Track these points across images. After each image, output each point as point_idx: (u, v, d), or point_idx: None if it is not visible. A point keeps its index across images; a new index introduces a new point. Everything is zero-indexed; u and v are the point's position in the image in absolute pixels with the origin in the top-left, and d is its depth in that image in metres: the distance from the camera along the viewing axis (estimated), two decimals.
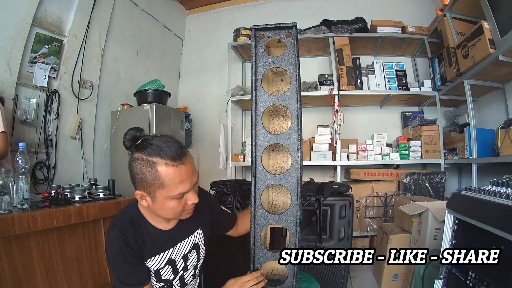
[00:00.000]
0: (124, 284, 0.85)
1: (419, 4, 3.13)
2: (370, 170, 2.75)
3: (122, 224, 0.88)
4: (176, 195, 0.81)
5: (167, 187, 0.79)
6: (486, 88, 2.34)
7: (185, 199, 0.85)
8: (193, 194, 0.86)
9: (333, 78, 2.82)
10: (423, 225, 1.72)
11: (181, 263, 0.96)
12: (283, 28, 0.96)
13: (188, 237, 0.99)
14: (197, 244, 1.02)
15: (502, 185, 0.98)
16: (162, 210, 0.85)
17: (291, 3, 3.47)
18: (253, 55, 0.95)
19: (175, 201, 0.82)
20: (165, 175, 0.78)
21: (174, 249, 0.95)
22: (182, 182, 0.80)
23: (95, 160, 2.63)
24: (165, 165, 0.78)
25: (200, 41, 3.84)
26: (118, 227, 0.87)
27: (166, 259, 0.93)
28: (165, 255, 0.92)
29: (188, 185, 0.83)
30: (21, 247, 1.15)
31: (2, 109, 1.69)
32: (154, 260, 0.90)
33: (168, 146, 0.80)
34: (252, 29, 0.96)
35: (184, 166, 0.81)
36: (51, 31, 2.25)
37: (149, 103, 2.56)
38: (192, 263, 1.00)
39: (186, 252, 0.97)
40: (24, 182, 1.22)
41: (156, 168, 0.78)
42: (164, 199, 0.81)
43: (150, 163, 0.78)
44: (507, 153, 1.83)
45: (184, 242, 0.97)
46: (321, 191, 1.59)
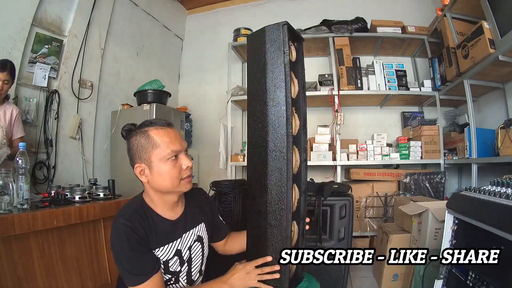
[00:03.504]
0: (133, 274, 0.84)
1: (419, 4, 3.13)
2: (370, 170, 2.75)
3: (128, 213, 0.89)
4: (168, 153, 0.87)
5: (159, 147, 0.88)
6: (486, 88, 2.34)
7: (179, 162, 0.90)
8: (185, 157, 0.92)
9: (333, 78, 2.82)
10: (423, 225, 1.72)
11: (187, 254, 0.98)
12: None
13: (192, 228, 1.01)
14: (201, 237, 1.04)
15: (502, 185, 0.98)
16: (160, 177, 0.89)
17: (291, 3, 3.47)
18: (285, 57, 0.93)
19: (169, 163, 0.88)
20: (157, 137, 0.88)
21: (182, 240, 0.97)
22: (172, 141, 0.89)
23: (95, 160, 2.64)
24: (155, 129, 0.89)
25: (200, 41, 3.84)
26: (125, 216, 0.87)
27: (174, 250, 0.94)
28: (173, 245, 0.94)
29: (178, 145, 0.90)
30: (21, 247, 1.14)
31: (19, 113, 1.74)
32: (163, 250, 0.91)
33: (155, 119, 0.94)
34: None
35: (171, 129, 0.92)
36: (51, 31, 2.25)
37: (149, 103, 2.56)
38: (197, 256, 1.02)
39: (191, 243, 1.00)
40: (24, 182, 1.22)
41: (148, 133, 0.89)
42: (159, 162, 0.88)
43: (143, 132, 0.90)
44: (507, 153, 1.83)
45: (189, 233, 1.00)
46: (321, 191, 1.59)
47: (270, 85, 0.91)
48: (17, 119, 1.83)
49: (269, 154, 0.90)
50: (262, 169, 0.92)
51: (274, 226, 0.91)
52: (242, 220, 1.59)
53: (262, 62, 0.92)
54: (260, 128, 0.93)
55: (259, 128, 0.94)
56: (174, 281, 0.96)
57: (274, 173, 0.90)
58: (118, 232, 0.85)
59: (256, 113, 0.94)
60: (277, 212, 0.90)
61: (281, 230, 0.90)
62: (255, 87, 0.95)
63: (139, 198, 0.96)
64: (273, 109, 0.91)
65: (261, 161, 0.92)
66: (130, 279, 0.84)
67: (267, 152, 0.91)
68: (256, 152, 0.94)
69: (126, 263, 0.84)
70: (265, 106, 0.92)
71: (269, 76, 0.91)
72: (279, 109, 0.90)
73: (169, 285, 0.95)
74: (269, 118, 0.91)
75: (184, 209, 1.01)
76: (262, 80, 0.92)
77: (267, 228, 0.92)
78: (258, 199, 0.94)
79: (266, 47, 0.91)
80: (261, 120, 0.93)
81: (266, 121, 0.91)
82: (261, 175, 0.92)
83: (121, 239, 0.84)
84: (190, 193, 1.07)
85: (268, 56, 0.91)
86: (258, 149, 0.93)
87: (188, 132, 3.37)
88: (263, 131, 0.92)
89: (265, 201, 0.91)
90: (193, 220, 1.02)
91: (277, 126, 0.90)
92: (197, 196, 1.10)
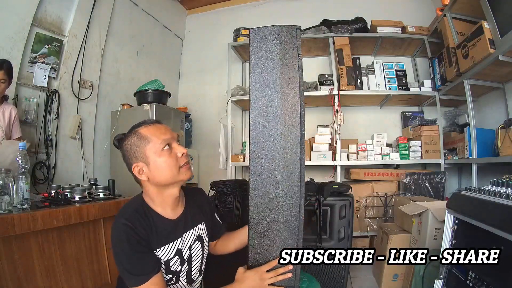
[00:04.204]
0: (133, 274, 0.83)
1: (419, 4, 3.13)
2: (370, 170, 2.75)
3: (129, 213, 0.89)
4: (160, 143, 0.89)
5: (152, 141, 0.89)
6: (486, 88, 2.34)
7: (173, 151, 0.91)
8: (179, 145, 0.94)
9: (333, 78, 2.82)
10: (423, 225, 1.72)
11: (187, 254, 0.98)
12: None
13: (193, 228, 1.01)
14: (201, 237, 1.04)
15: (502, 185, 0.98)
16: (158, 171, 0.90)
17: (291, 3, 3.47)
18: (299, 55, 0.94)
19: (164, 154, 0.89)
20: (147, 133, 0.91)
21: (182, 239, 0.97)
22: (162, 132, 0.92)
23: (95, 160, 2.63)
24: (144, 127, 0.92)
25: (200, 41, 3.84)
26: (125, 216, 0.87)
27: (175, 250, 0.94)
28: (174, 245, 0.94)
29: (169, 134, 0.92)
30: (21, 247, 1.14)
31: (17, 114, 1.74)
32: (164, 250, 0.91)
33: (143, 120, 0.96)
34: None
35: (160, 124, 0.95)
36: (51, 31, 2.25)
37: (149, 103, 2.56)
38: (197, 256, 1.02)
39: (191, 242, 1.00)
40: (24, 182, 1.22)
41: (139, 132, 0.91)
42: (154, 156, 0.89)
43: (133, 133, 0.92)
44: (507, 153, 1.83)
45: (190, 232, 1.00)
46: (321, 191, 1.59)
47: (284, 85, 0.93)
48: (16, 119, 1.84)
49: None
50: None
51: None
52: (242, 220, 1.59)
53: (277, 59, 0.93)
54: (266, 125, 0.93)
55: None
56: (174, 280, 0.96)
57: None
58: (118, 232, 0.85)
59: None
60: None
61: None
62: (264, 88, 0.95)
63: (139, 198, 0.96)
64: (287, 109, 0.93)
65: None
66: (130, 279, 0.84)
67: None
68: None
69: (127, 263, 0.84)
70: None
71: (283, 76, 0.92)
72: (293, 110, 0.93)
73: (169, 285, 0.95)
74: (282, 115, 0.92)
75: (184, 208, 1.01)
76: (274, 80, 0.93)
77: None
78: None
79: (279, 47, 0.92)
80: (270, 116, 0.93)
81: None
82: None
83: (121, 239, 0.84)
84: (190, 193, 1.07)
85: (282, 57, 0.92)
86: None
87: (188, 132, 3.37)
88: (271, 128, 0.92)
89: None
90: (194, 220, 1.02)
91: (291, 126, 0.92)
92: (197, 196, 1.10)
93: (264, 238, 0.93)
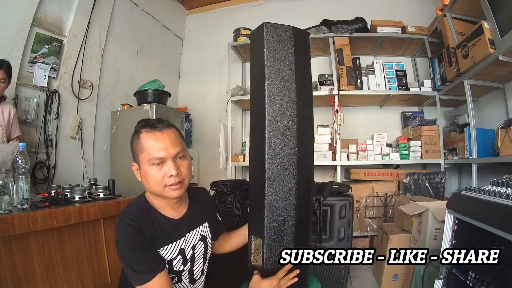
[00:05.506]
0: (139, 273, 0.84)
1: (419, 4, 3.13)
2: (370, 170, 2.75)
3: (133, 213, 0.89)
4: (152, 158, 0.87)
5: (146, 150, 0.88)
6: (486, 88, 2.34)
7: (164, 169, 0.88)
8: (172, 165, 0.89)
9: (333, 78, 2.82)
10: (423, 225, 1.71)
11: (190, 253, 0.99)
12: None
13: (196, 228, 1.02)
14: (205, 237, 1.05)
15: (502, 185, 0.98)
16: (145, 180, 0.91)
17: (291, 3, 3.46)
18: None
19: (154, 168, 0.88)
20: (144, 140, 0.89)
21: (185, 239, 0.97)
22: (158, 148, 0.88)
23: (95, 160, 2.63)
24: (145, 131, 0.90)
25: (200, 41, 3.84)
26: (129, 216, 0.88)
27: (178, 249, 0.95)
28: (177, 244, 0.94)
29: (164, 152, 0.88)
30: (21, 247, 1.14)
31: (16, 113, 1.75)
32: (167, 250, 0.92)
33: (154, 119, 0.93)
34: None
35: (160, 133, 0.89)
36: (51, 31, 2.24)
37: (149, 103, 2.56)
38: (200, 256, 1.03)
39: (195, 242, 1.00)
40: (24, 182, 1.22)
41: (139, 136, 0.90)
42: (145, 165, 0.89)
43: (137, 133, 0.91)
44: (507, 153, 1.83)
45: (193, 232, 1.00)
46: (321, 191, 1.59)
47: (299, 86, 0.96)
48: (14, 118, 1.85)
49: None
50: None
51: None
52: (242, 220, 1.58)
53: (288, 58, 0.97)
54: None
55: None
56: (176, 280, 0.96)
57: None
58: (123, 232, 0.86)
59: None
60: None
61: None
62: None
63: (142, 198, 0.96)
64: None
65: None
66: (136, 278, 0.85)
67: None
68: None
69: (132, 263, 0.85)
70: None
71: (298, 76, 0.97)
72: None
73: None
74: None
75: (188, 208, 1.01)
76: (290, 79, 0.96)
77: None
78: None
79: (294, 47, 0.98)
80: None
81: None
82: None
83: (126, 238, 0.85)
84: (194, 193, 1.07)
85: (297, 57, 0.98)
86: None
87: (188, 132, 3.37)
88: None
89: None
90: (197, 220, 1.03)
91: (303, 127, 0.97)
92: (201, 197, 1.11)
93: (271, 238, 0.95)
